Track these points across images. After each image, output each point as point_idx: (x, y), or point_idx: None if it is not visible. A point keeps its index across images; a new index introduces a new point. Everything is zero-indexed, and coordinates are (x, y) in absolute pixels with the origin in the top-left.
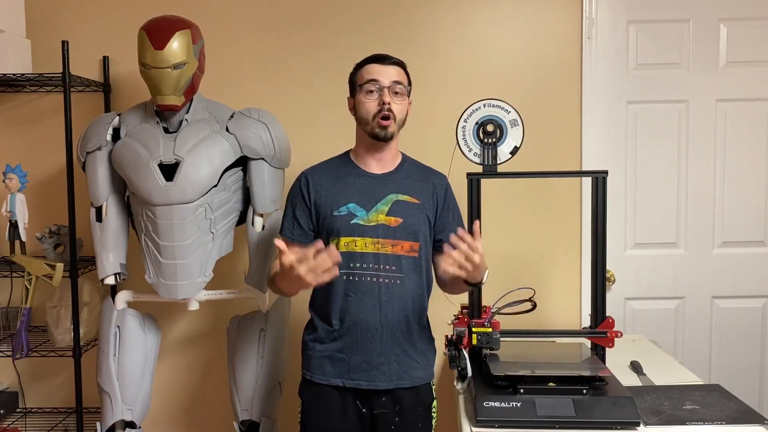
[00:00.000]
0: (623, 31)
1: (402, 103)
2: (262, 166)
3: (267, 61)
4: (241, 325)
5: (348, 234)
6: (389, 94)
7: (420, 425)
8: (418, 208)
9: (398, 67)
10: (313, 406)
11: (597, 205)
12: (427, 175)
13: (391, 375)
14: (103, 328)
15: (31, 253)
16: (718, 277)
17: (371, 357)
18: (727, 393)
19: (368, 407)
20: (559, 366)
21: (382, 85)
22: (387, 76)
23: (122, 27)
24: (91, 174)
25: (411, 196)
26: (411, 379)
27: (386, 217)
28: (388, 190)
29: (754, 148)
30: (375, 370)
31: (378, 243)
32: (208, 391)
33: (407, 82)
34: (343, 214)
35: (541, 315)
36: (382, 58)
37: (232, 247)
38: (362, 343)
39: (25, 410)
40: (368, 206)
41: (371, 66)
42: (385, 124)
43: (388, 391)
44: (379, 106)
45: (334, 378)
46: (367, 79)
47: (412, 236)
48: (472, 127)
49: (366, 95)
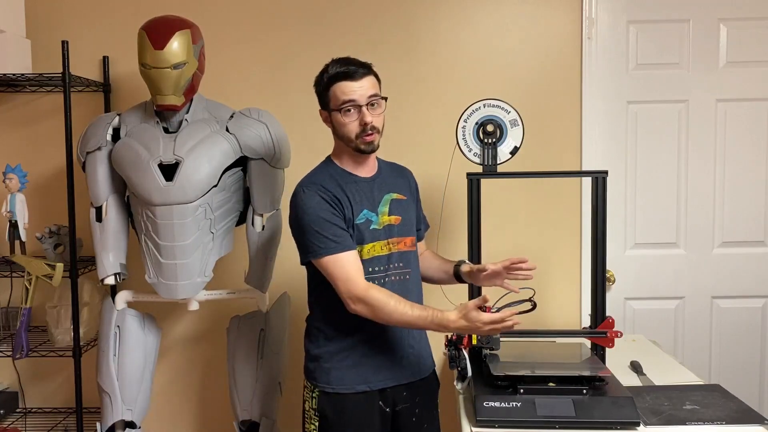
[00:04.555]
0: (623, 31)
1: (381, 113)
2: (262, 166)
3: (267, 61)
4: (241, 325)
5: (371, 240)
6: (368, 110)
7: (435, 412)
8: (408, 203)
9: (368, 75)
10: (338, 419)
11: (597, 205)
12: (401, 172)
13: (411, 368)
14: (103, 328)
15: (31, 253)
16: (718, 277)
17: (394, 356)
18: (727, 393)
19: (391, 405)
20: (559, 366)
21: (360, 104)
22: (362, 93)
23: (122, 27)
24: (91, 174)
25: (399, 193)
26: (426, 367)
27: (389, 217)
28: (382, 191)
29: (754, 148)
30: (397, 366)
31: (389, 244)
32: (208, 391)
33: (379, 85)
34: (363, 221)
35: (541, 315)
36: (352, 74)
37: (232, 247)
38: (384, 343)
39: (25, 410)
40: (375, 209)
41: (344, 84)
42: (370, 139)
43: (407, 385)
44: (361, 126)
45: (359, 384)
46: (343, 100)
47: (410, 231)
48: (472, 127)
49: (344, 116)
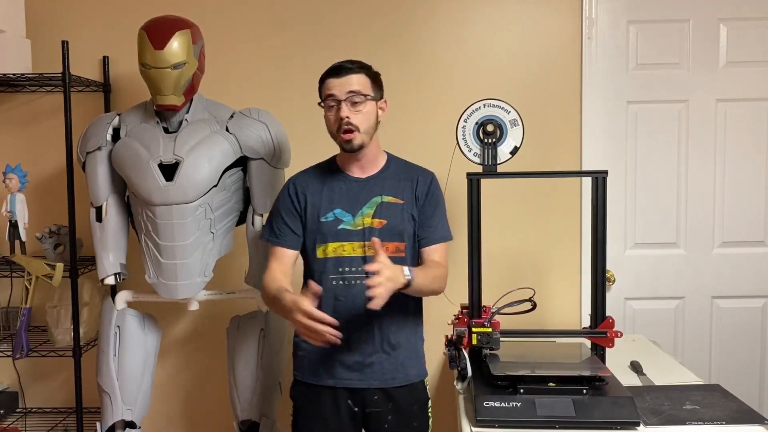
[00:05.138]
0: (623, 31)
1: (364, 112)
2: (262, 166)
3: (267, 61)
4: (241, 325)
5: (335, 239)
6: (346, 106)
7: (415, 424)
8: (403, 209)
9: (357, 74)
10: (306, 407)
11: (597, 205)
12: (412, 173)
13: (384, 374)
14: (103, 328)
15: (31, 253)
16: (718, 277)
17: (363, 357)
18: (727, 393)
19: (360, 406)
20: (559, 366)
21: (339, 99)
22: (342, 88)
23: (122, 27)
24: (91, 174)
25: (395, 196)
26: (406, 377)
27: (371, 220)
28: (373, 193)
29: (754, 148)
30: (368, 369)
31: (365, 246)
32: (208, 391)
33: (371, 86)
34: (330, 220)
35: (541, 315)
36: (339, 70)
37: (232, 247)
38: (354, 344)
39: (25, 410)
40: (354, 210)
41: (328, 81)
42: (348, 137)
43: (381, 390)
44: (337, 121)
45: (327, 379)
46: (325, 94)
47: (397, 237)
48: (472, 127)
49: (327, 110)
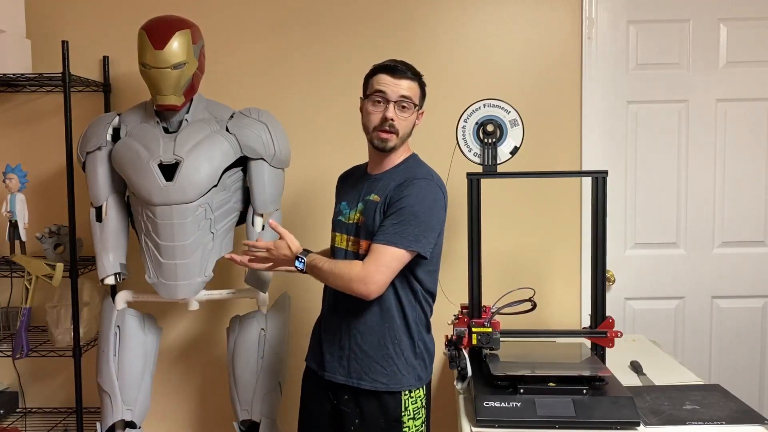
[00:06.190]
0: (623, 31)
1: (408, 118)
2: (262, 166)
3: (267, 61)
4: (241, 325)
5: (335, 230)
6: (394, 109)
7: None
8: (377, 207)
9: (411, 80)
10: (302, 386)
11: (597, 205)
12: (404, 175)
13: (350, 371)
14: (103, 328)
15: (31, 253)
16: (718, 277)
17: (333, 349)
18: (727, 393)
19: (336, 400)
20: (559, 366)
21: (389, 99)
22: (395, 90)
23: (122, 27)
24: (91, 174)
25: (378, 195)
26: (371, 381)
27: (358, 216)
28: (370, 190)
29: (754, 148)
30: (336, 362)
31: (350, 240)
32: (208, 391)
33: (420, 95)
34: (336, 210)
35: (541, 315)
36: (394, 69)
37: (232, 247)
38: (327, 334)
39: (25, 410)
40: (353, 204)
41: (382, 76)
42: (385, 137)
43: (349, 389)
44: (381, 120)
45: (311, 361)
46: (375, 88)
47: (370, 235)
48: (472, 127)
49: (372, 105)
